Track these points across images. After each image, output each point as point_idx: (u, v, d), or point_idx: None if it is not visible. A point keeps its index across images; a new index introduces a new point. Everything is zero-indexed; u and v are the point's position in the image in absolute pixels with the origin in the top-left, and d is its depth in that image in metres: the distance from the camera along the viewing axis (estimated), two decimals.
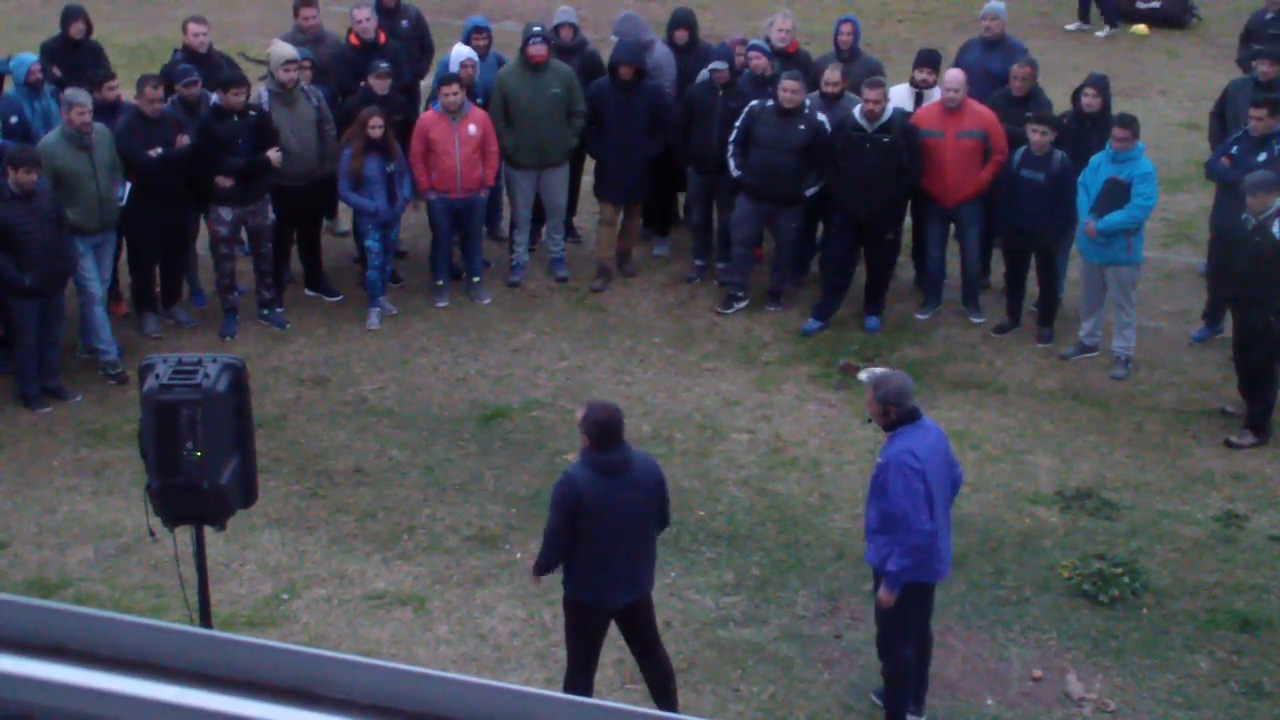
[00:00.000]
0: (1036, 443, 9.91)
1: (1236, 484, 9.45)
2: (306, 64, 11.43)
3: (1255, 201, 9.55)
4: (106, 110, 10.68)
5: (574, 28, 12.18)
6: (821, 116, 11.09)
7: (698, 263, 12.16)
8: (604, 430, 6.58)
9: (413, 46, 12.60)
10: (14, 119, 10.92)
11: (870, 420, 7.00)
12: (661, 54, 11.96)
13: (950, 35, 16.92)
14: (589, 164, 12.29)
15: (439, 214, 11.46)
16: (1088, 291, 10.87)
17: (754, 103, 11.12)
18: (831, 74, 11.40)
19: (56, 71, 11.59)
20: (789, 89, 10.89)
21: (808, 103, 11.08)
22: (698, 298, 11.91)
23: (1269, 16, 13.02)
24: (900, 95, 11.40)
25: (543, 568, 6.90)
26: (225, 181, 10.67)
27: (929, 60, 11.66)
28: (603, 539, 6.63)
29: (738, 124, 11.13)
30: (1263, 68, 11.51)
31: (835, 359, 10.94)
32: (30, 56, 11.53)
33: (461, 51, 11.71)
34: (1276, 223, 9.48)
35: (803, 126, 10.96)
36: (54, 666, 1.95)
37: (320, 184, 11.26)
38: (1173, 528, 8.97)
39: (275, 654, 1.96)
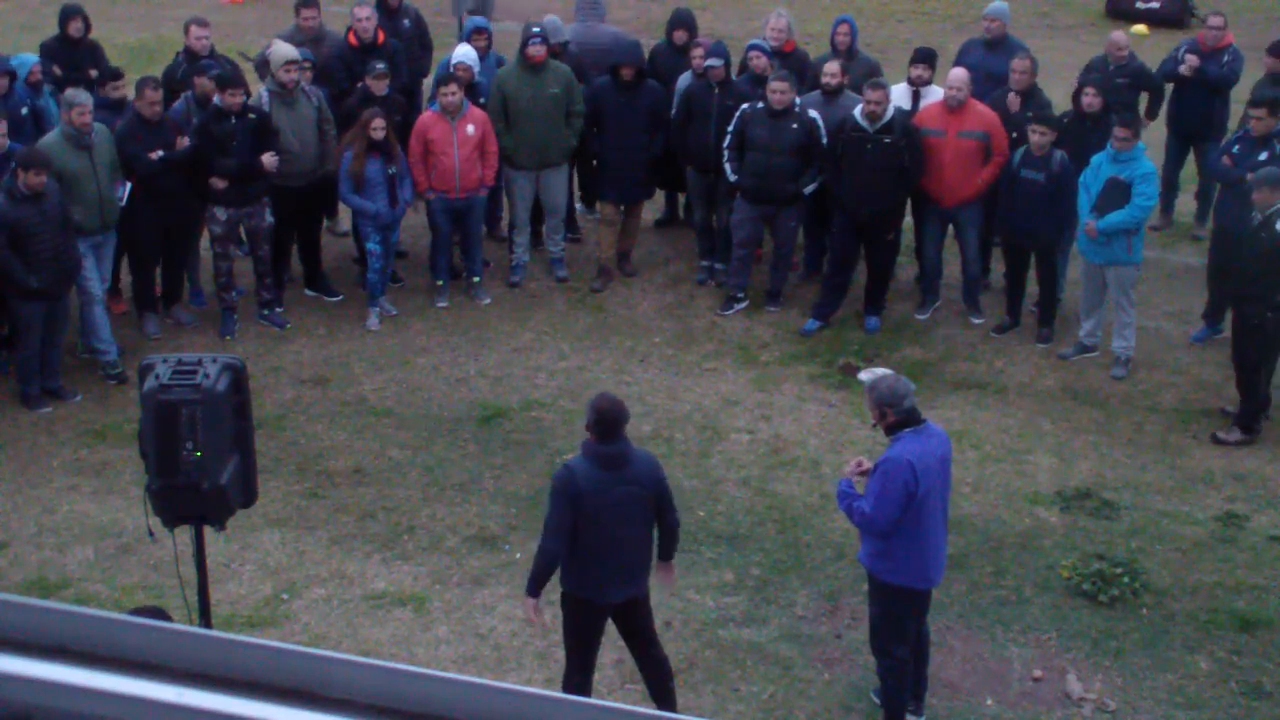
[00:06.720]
0: (1036, 443, 9.91)
1: (1236, 484, 9.45)
2: (307, 64, 11.43)
3: (1261, 198, 9.56)
4: (114, 108, 10.73)
5: (563, 44, 12.19)
6: (814, 114, 11.08)
7: (703, 264, 12.15)
8: (602, 419, 6.59)
9: (414, 46, 12.60)
10: (23, 110, 10.96)
11: (875, 425, 6.91)
12: (604, 32, 12.46)
13: (950, 35, 16.94)
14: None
15: (438, 214, 11.45)
16: (1088, 291, 10.87)
17: (745, 106, 11.11)
18: (830, 66, 11.41)
19: (57, 70, 11.60)
20: (778, 90, 10.90)
21: (798, 101, 11.08)
22: (697, 298, 11.90)
23: (1112, 68, 12.12)
24: (899, 94, 11.39)
25: (544, 564, 6.76)
26: (219, 183, 10.68)
27: (925, 57, 11.63)
28: (599, 533, 6.63)
29: (730, 129, 11.13)
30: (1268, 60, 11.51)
31: (835, 359, 10.94)
32: (30, 57, 11.54)
33: (463, 54, 11.68)
34: None
35: (796, 125, 10.96)
36: (54, 666, 1.95)
37: (320, 184, 11.26)
38: (1173, 528, 8.97)
39: (275, 654, 1.96)
